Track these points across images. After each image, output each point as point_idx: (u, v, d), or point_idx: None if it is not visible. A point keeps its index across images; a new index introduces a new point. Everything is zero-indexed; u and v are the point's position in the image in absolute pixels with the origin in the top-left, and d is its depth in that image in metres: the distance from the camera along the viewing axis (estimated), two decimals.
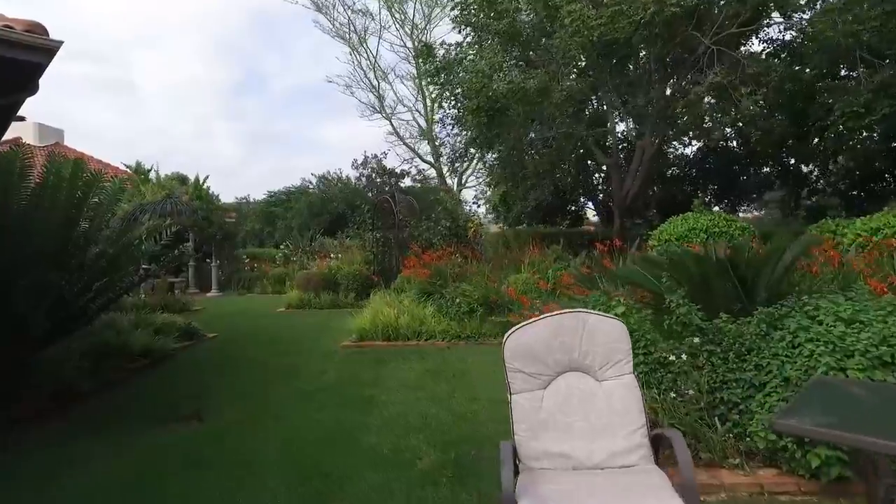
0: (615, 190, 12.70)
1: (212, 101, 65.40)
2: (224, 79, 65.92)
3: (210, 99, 65.43)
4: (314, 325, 10.56)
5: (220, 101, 65.18)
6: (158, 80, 63.50)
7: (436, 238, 12.21)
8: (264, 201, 43.47)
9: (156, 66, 62.47)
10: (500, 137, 11.82)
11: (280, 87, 59.90)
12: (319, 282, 13.41)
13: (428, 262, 10.48)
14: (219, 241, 17.97)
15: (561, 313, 3.03)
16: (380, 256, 14.19)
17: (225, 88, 65.07)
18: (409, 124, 32.53)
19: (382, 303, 10.55)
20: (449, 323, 8.70)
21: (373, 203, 14.80)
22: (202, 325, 10.34)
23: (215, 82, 65.42)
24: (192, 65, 63.63)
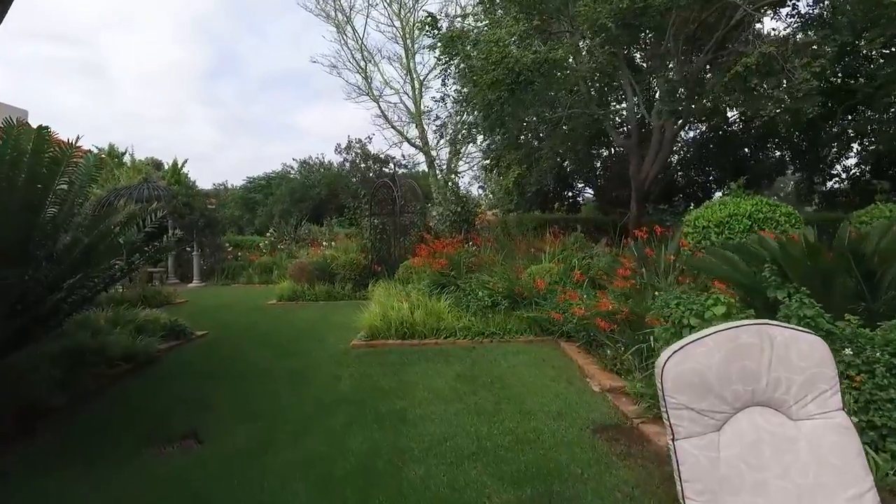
0: (633, 174, 11.93)
1: (186, 86, 63.27)
2: (198, 62, 63.87)
3: (184, 83, 63.27)
4: (313, 320, 9.60)
5: (194, 85, 63.11)
6: (130, 62, 61.11)
7: (444, 224, 11.31)
8: (243, 187, 42.13)
9: (127, 49, 60.07)
10: (515, 116, 10.93)
11: (257, 71, 58.00)
12: (313, 272, 12.42)
13: (440, 251, 9.57)
14: (201, 228, 16.80)
15: (735, 327, 2.17)
16: (378, 244, 13.24)
17: (199, 72, 63.02)
18: (396, 107, 31.35)
19: (388, 295, 9.67)
20: (470, 318, 7.83)
21: (371, 187, 13.78)
22: (188, 321, 9.31)
23: (189, 66, 63.29)
24: (164, 47, 61.41)
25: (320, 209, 34.73)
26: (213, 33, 57.11)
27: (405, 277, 10.94)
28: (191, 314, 10.71)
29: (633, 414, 4.57)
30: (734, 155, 17.15)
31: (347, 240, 14.52)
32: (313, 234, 22.50)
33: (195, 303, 12.62)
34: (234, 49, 58.22)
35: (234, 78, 61.06)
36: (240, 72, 60.02)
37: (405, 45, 30.68)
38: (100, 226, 5.78)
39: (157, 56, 61.51)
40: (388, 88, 31.56)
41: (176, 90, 63.32)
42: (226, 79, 63.10)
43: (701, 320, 3.97)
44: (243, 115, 61.15)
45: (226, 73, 62.60)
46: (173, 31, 60.72)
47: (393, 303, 8.59)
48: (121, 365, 6.49)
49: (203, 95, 64.05)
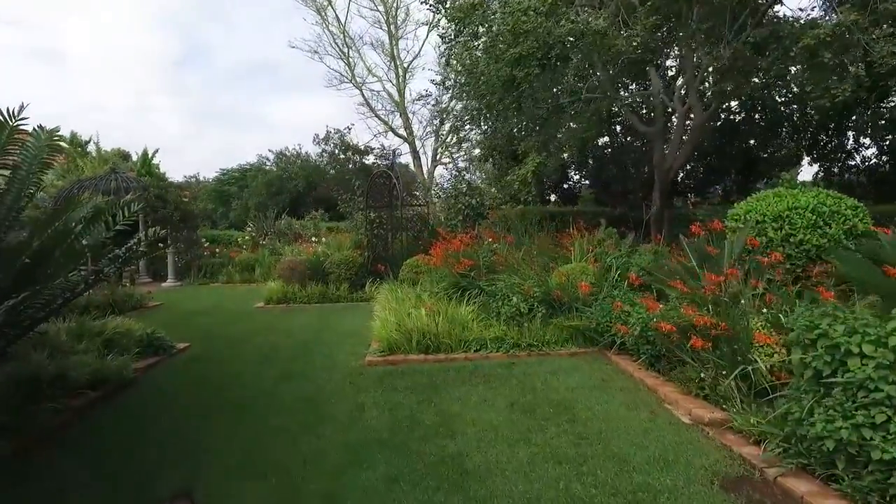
0: (657, 163, 10.98)
1: (150, 75, 60.46)
2: (163, 50, 61.11)
3: (149, 72, 60.44)
4: (313, 329, 8.42)
5: (159, 74, 60.33)
6: (90, 49, 58.20)
7: (456, 218, 10.21)
8: (216, 179, 40.33)
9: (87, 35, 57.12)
10: (537, 96, 9.84)
11: (225, 60, 55.84)
12: (305, 271, 11.21)
13: (457, 249, 8.47)
14: (175, 222, 15.37)
15: None
16: (374, 241, 12.07)
17: (165, 61, 60.34)
18: (379, 95, 30.03)
19: (396, 299, 8.57)
20: (502, 328, 6.77)
21: (366, 178, 12.59)
22: (167, 331, 8.07)
23: (154, 54, 60.47)
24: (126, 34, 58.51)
25: (298, 202, 33.25)
26: (178, 20, 54.60)
27: (411, 278, 9.82)
28: (168, 321, 9.43)
29: (763, 461, 3.57)
30: (739, 146, 16.38)
31: (339, 235, 13.33)
32: (295, 229, 21.16)
33: (172, 306, 11.29)
34: (201, 37, 55.89)
35: (201, 67, 58.61)
36: (207, 61, 57.72)
37: (389, 31, 29.40)
38: (56, 223, 4.54)
39: (120, 43, 58.63)
40: (370, 76, 30.21)
41: (140, 79, 60.46)
42: (193, 68, 60.45)
43: (882, 349, 2.98)
44: (212, 105, 58.72)
45: (193, 63, 59.99)
46: (135, 17, 57.92)
47: (408, 309, 7.49)
48: (87, 393, 5.26)
49: (169, 85, 61.30)
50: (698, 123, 10.36)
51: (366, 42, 39.19)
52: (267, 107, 58.03)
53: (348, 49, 29.14)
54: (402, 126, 29.48)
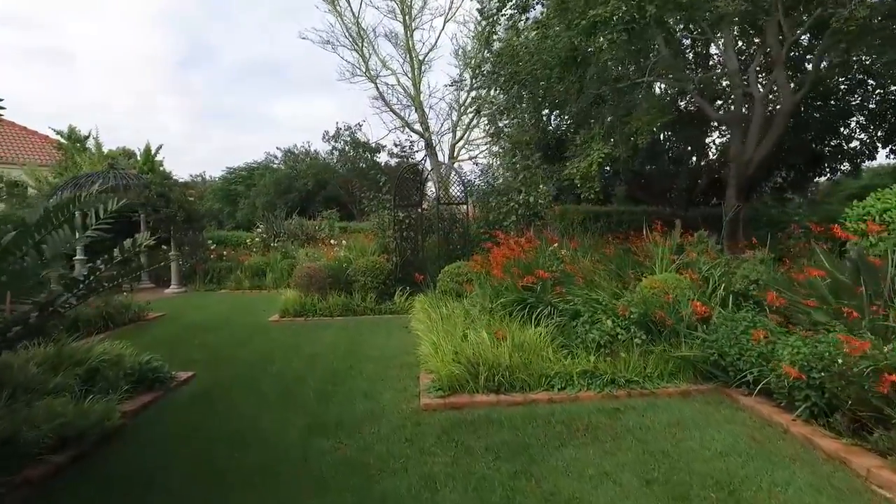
0: (733, 156, 9.50)
1: (155, 75, 59.79)
2: (168, 51, 60.39)
3: (154, 72, 59.81)
4: (340, 351, 6.99)
5: (164, 74, 59.67)
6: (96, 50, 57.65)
7: (509, 219, 8.78)
8: (223, 178, 39.12)
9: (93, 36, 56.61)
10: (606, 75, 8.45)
11: (231, 60, 55.03)
12: (325, 279, 9.79)
13: (517, 255, 7.02)
14: (179, 223, 13.99)
15: None
16: (401, 244, 10.65)
17: (169, 61, 59.62)
18: (394, 89, 28.62)
19: (439, 315, 7.18)
20: (588, 358, 5.33)
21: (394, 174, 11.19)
22: (167, 352, 6.72)
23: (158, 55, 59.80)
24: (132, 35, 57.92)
25: (308, 201, 31.90)
26: (182, 20, 53.90)
27: (454, 289, 8.40)
28: (169, 339, 8.06)
29: None
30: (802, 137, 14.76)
31: (361, 237, 11.90)
32: (307, 229, 19.77)
33: (175, 319, 9.90)
34: (206, 37, 55.24)
35: (206, 67, 57.89)
36: (212, 60, 57.02)
37: (404, 21, 27.96)
38: None
39: (126, 44, 58.11)
40: (384, 69, 28.80)
41: (146, 79, 59.90)
42: (198, 67, 59.80)
43: None
44: (218, 105, 58.00)
45: (198, 62, 59.34)
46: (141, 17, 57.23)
47: (460, 329, 6.08)
48: (49, 458, 3.86)
49: (175, 85, 60.67)
50: (787, 108, 8.87)
51: (379, 34, 37.79)
52: (273, 106, 57.22)
53: (362, 40, 27.72)
54: (418, 121, 28.05)
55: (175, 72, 59.90)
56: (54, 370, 5.59)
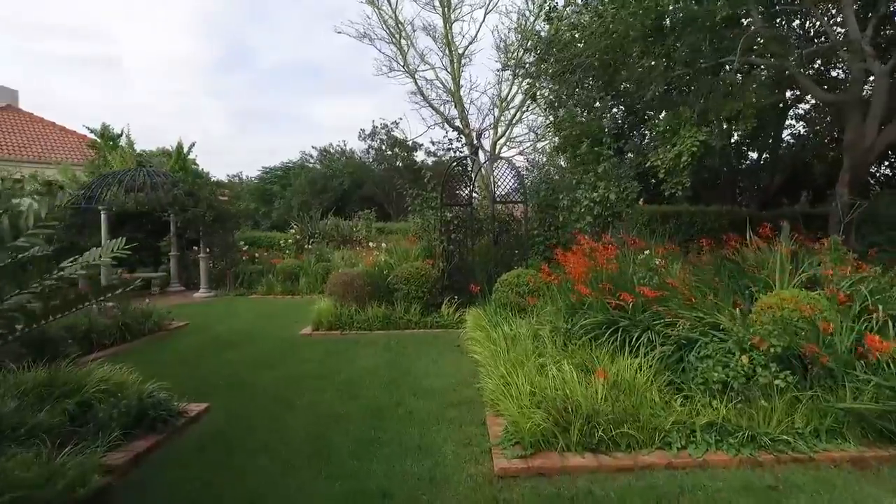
0: (850, 143, 7.96)
1: (197, 78, 60.94)
2: (209, 54, 61.33)
3: (195, 76, 61.01)
4: (383, 379, 5.81)
5: (205, 77, 60.77)
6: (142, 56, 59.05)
7: (584, 220, 7.51)
8: (259, 178, 38.82)
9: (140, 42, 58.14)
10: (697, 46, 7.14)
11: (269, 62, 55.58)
12: (364, 287, 8.67)
13: (600, 264, 5.73)
14: (208, 223, 13.11)
15: None
16: (449, 248, 9.44)
17: (210, 64, 60.54)
18: (432, 84, 27.50)
19: (500, 334, 5.96)
20: (710, 404, 4.03)
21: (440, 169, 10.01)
22: (181, 374, 5.72)
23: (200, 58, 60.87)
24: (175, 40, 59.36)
25: (344, 201, 31.14)
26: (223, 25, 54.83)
27: (515, 302, 7.16)
28: (187, 356, 7.06)
29: None
30: None
31: (404, 240, 10.76)
32: (343, 230, 18.80)
33: (198, 329, 8.94)
34: (245, 40, 55.95)
35: (245, 69, 58.62)
36: (251, 63, 57.66)
37: (443, 14, 26.81)
38: None
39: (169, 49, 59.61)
40: (423, 64, 27.71)
41: (187, 83, 61.14)
42: (237, 70, 60.59)
43: None
44: (256, 106, 58.61)
45: (236, 65, 60.11)
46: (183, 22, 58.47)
47: (532, 358, 4.86)
48: None
49: (214, 87, 61.60)
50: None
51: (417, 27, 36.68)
52: (311, 107, 57.37)
53: (399, 33, 26.68)
54: (458, 117, 26.87)
55: (216, 74, 60.72)
56: (41, 402, 4.64)
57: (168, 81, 60.64)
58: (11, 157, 21.63)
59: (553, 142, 26.47)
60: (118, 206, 12.68)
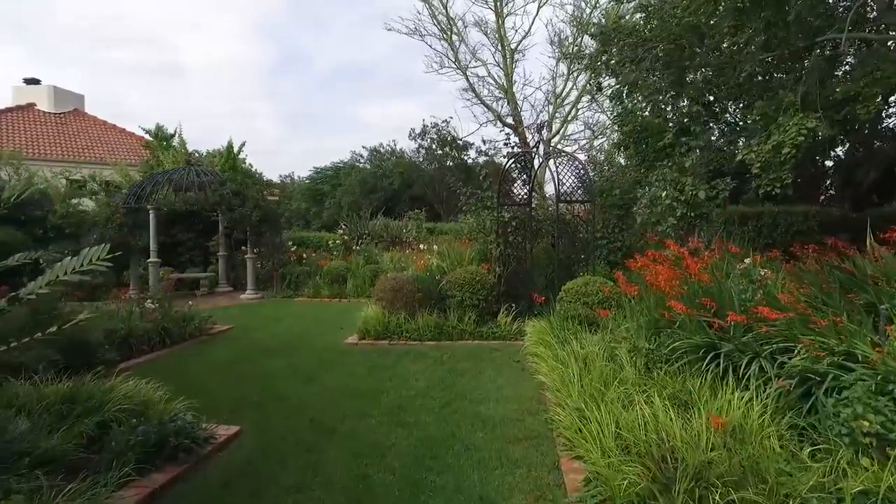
0: None
1: (251, 82, 62.88)
2: (263, 59, 63.09)
3: (250, 80, 63.00)
4: (436, 400, 5.11)
5: (259, 81, 62.60)
6: (202, 62, 61.52)
7: (665, 223, 6.63)
8: (309, 177, 39.06)
9: (200, 50, 60.72)
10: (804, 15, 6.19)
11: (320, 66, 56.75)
12: (414, 293, 8.02)
13: (694, 274, 4.86)
14: (255, 223, 12.79)
15: None
16: (506, 251, 8.68)
17: (265, 68, 62.30)
18: (484, 80, 26.74)
19: (569, 353, 5.18)
20: (855, 460, 3.13)
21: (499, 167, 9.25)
22: (216, 387, 5.23)
23: (254, 63, 62.77)
24: (232, 47, 61.55)
25: (393, 201, 30.78)
26: (276, 31, 56.69)
27: (584, 314, 6.32)
28: (225, 365, 6.58)
29: None
30: None
31: (456, 243, 10.05)
32: (392, 231, 18.29)
33: (241, 335, 8.52)
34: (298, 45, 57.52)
35: (297, 73, 60.20)
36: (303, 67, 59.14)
37: (495, 8, 26.00)
38: None
39: (227, 56, 62.35)
40: (474, 60, 26.98)
41: (244, 87, 63.41)
42: (290, 74, 62.30)
43: None
44: (308, 108, 60.12)
45: (289, 69, 61.81)
46: (240, 31, 60.80)
47: (617, 388, 4.07)
48: None
49: (269, 91, 63.49)
50: None
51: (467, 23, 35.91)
52: (361, 108, 58.07)
53: (451, 29, 26.05)
54: (511, 114, 26.02)
55: (270, 78, 62.43)
56: (60, 420, 4.20)
57: (226, 86, 62.79)
58: (75, 158, 22.22)
59: (612, 139, 25.33)
60: (167, 205, 12.52)
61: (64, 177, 16.95)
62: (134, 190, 12.81)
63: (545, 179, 20.55)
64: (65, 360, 6.08)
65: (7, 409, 4.25)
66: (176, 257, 15.39)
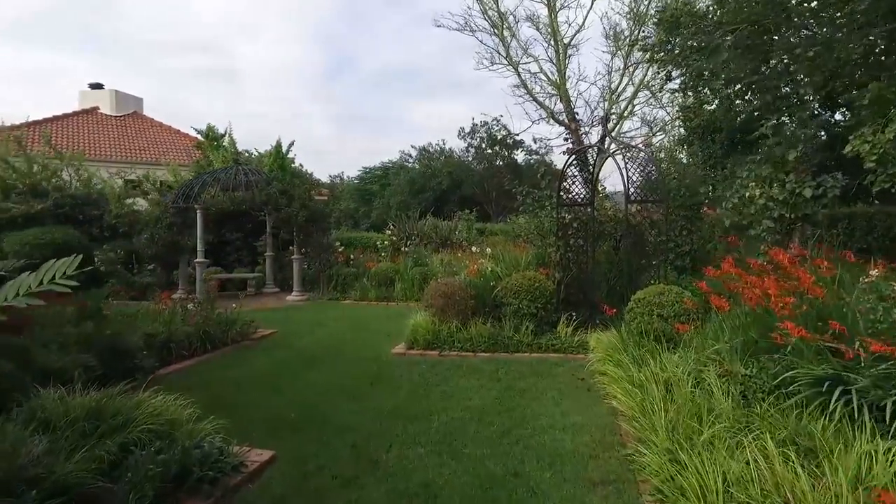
0: None
1: (305, 85, 64.47)
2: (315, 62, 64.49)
3: (304, 82, 64.71)
4: (494, 428, 4.49)
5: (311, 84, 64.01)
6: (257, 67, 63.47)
7: (759, 226, 5.83)
8: (358, 177, 39.09)
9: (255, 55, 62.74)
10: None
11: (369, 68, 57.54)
12: (467, 300, 7.42)
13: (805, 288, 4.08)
14: (302, 223, 12.48)
15: None
16: (566, 255, 7.97)
17: (318, 71, 63.66)
18: (536, 77, 25.90)
19: (650, 378, 4.47)
20: None
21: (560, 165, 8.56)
22: (253, 401, 4.81)
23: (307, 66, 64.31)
24: (288, 50, 63.28)
25: (442, 201, 30.31)
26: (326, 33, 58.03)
27: (660, 329, 5.57)
28: (265, 376, 6.16)
29: None
30: None
31: (513, 246, 9.38)
32: (441, 231, 17.76)
33: (283, 341, 8.15)
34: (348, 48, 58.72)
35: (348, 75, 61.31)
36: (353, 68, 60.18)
37: (548, 2, 25.13)
38: None
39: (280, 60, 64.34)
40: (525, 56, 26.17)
41: (295, 90, 65.16)
42: (340, 76, 63.61)
43: None
44: (358, 109, 61.21)
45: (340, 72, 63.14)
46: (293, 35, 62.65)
47: (716, 427, 3.36)
48: None
49: (320, 93, 64.97)
50: None
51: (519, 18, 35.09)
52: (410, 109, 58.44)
53: (502, 24, 25.33)
54: (564, 111, 25.10)
55: (321, 80, 63.71)
56: (83, 439, 3.83)
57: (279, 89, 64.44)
58: (132, 159, 22.72)
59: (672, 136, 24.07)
60: (214, 205, 12.37)
61: (119, 177, 17.21)
62: (182, 189, 12.74)
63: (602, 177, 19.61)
64: (101, 366, 5.79)
65: (29, 423, 3.92)
66: (225, 257, 15.33)
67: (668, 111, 23.59)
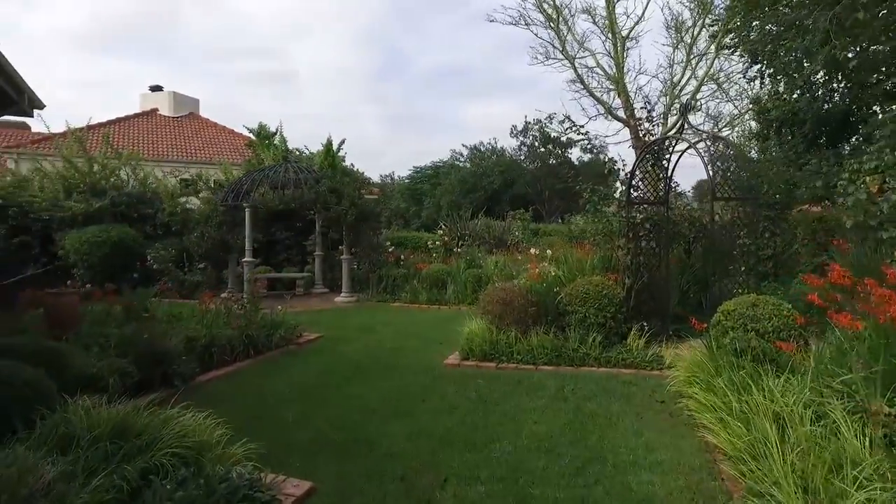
0: None
1: (357, 87, 65.49)
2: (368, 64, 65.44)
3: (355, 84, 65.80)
4: (565, 461, 3.82)
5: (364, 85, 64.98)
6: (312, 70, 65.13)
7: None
8: (409, 177, 38.91)
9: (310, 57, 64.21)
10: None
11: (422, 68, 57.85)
12: (527, 307, 6.76)
13: None
14: (351, 222, 12.07)
15: None
16: (638, 261, 7.18)
17: (368, 73, 64.52)
18: (592, 71, 24.85)
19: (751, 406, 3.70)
20: None
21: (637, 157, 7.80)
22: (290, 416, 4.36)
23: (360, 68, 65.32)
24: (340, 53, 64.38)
25: (493, 200, 29.66)
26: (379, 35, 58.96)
27: (754, 347, 4.76)
28: (306, 386, 5.72)
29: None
30: None
31: (577, 249, 8.62)
32: (494, 231, 17.12)
33: (329, 346, 7.72)
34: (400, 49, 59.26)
35: (400, 76, 61.89)
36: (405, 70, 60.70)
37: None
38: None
39: (335, 62, 65.66)
40: (581, 50, 25.15)
41: (349, 92, 66.44)
42: (393, 77, 64.38)
43: None
44: (409, 109, 61.76)
45: (392, 73, 63.93)
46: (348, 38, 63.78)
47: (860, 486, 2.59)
48: None
49: (372, 94, 66.01)
50: None
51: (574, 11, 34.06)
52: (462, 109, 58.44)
53: (557, 17, 24.40)
54: (622, 106, 23.98)
55: (374, 82, 64.63)
56: (105, 461, 3.43)
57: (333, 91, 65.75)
58: (187, 159, 23.09)
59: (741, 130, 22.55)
60: (263, 203, 12.16)
61: (174, 176, 17.37)
62: (232, 188, 12.57)
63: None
64: (138, 371, 5.48)
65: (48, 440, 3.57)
66: (274, 256, 15.17)
67: (737, 104, 22.10)
